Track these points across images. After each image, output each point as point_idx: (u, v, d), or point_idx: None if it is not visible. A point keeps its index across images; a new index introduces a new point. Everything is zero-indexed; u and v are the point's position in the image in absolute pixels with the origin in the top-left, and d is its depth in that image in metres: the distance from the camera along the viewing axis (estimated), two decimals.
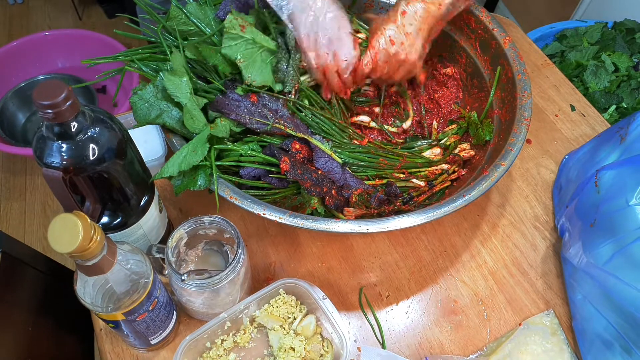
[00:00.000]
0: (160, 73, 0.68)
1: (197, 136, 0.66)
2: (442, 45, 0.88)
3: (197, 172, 0.65)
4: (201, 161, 0.64)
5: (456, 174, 0.77)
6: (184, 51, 0.72)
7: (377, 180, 0.74)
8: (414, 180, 0.76)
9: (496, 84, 0.78)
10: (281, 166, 0.67)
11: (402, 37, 0.73)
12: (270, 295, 0.64)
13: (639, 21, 1.35)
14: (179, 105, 0.67)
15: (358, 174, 0.73)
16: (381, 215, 0.72)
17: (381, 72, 0.75)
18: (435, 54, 0.89)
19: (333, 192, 0.69)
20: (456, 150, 0.80)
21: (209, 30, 0.75)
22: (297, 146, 0.71)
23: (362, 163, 0.74)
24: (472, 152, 0.79)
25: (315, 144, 0.71)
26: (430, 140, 0.82)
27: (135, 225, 0.59)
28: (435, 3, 0.72)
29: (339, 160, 0.72)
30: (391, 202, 0.73)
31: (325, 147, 0.72)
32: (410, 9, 0.73)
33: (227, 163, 0.69)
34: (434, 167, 0.77)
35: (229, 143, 0.70)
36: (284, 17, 0.72)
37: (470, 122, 0.81)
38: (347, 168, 0.73)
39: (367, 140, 0.78)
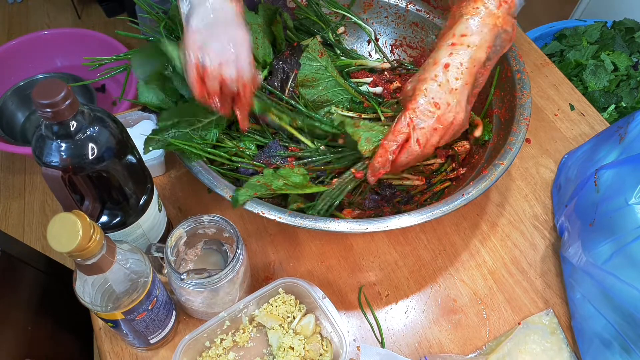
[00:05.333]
0: (169, 66, 0.69)
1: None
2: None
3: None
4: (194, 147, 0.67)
5: (455, 172, 0.77)
6: None
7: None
8: (409, 177, 0.75)
9: (495, 83, 0.78)
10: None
11: (448, 97, 0.61)
12: (269, 295, 0.64)
13: (638, 20, 1.35)
14: (182, 96, 0.69)
15: None
16: (380, 215, 0.72)
17: (423, 151, 0.63)
18: None
19: None
20: (454, 147, 0.79)
21: None
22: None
23: None
24: (467, 146, 0.79)
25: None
26: None
27: (135, 224, 0.59)
28: (482, 47, 0.61)
29: None
30: (389, 203, 0.73)
31: None
32: (454, 60, 0.61)
33: (220, 158, 0.70)
34: (428, 161, 0.77)
35: (224, 137, 0.71)
36: (184, 9, 0.62)
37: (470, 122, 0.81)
38: None
39: None
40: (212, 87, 0.61)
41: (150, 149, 0.65)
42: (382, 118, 0.82)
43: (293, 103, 0.77)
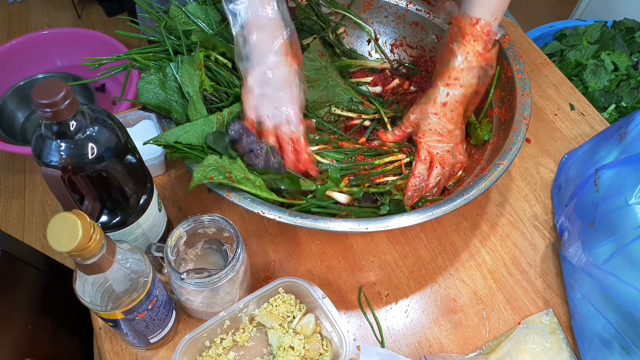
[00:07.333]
0: (171, 64, 0.69)
1: (203, 120, 0.67)
2: (441, 45, 0.88)
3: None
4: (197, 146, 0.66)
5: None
6: (189, 50, 0.72)
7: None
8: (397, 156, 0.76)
9: (495, 83, 0.78)
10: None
11: (448, 126, 0.74)
12: (269, 294, 0.64)
13: (638, 20, 1.35)
14: (183, 96, 0.69)
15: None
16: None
17: (444, 170, 0.74)
18: (434, 53, 0.89)
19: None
20: None
21: (210, 30, 0.75)
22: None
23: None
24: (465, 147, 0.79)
25: None
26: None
27: (135, 224, 0.59)
28: (472, 85, 0.73)
29: None
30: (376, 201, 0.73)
31: None
32: (450, 99, 0.73)
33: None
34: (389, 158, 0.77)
35: None
36: (241, 64, 0.69)
37: (469, 122, 0.81)
38: None
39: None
40: (270, 142, 0.69)
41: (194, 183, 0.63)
42: (385, 119, 0.82)
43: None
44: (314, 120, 0.76)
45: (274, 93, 0.69)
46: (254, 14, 0.67)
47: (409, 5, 0.89)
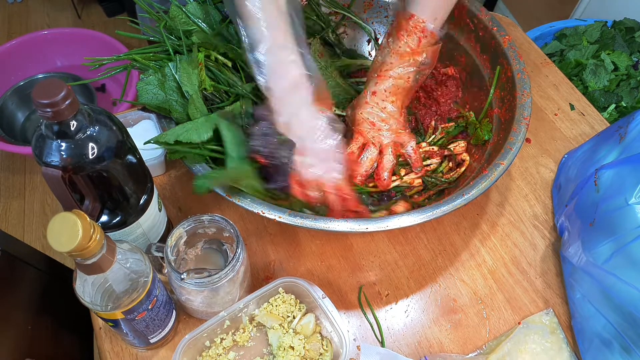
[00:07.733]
0: (169, 64, 0.69)
1: (204, 118, 0.67)
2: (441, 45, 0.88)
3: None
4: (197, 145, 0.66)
5: (452, 173, 0.77)
6: (189, 50, 0.72)
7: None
8: (406, 177, 0.76)
9: (495, 83, 0.78)
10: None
11: (380, 114, 0.75)
12: (269, 294, 0.64)
13: (638, 20, 1.35)
14: (183, 95, 0.69)
15: None
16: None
17: (384, 152, 0.75)
18: None
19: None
20: (451, 147, 0.80)
21: (210, 30, 0.75)
22: None
23: None
24: (464, 145, 0.79)
25: None
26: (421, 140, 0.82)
27: (135, 224, 0.59)
28: (403, 77, 0.74)
29: None
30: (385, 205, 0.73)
31: None
32: (379, 87, 0.75)
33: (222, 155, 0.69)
34: (425, 162, 0.77)
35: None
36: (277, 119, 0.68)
37: (469, 122, 0.81)
38: None
39: None
40: (314, 195, 0.68)
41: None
42: None
43: None
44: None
45: (313, 145, 0.67)
46: (274, 68, 0.66)
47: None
